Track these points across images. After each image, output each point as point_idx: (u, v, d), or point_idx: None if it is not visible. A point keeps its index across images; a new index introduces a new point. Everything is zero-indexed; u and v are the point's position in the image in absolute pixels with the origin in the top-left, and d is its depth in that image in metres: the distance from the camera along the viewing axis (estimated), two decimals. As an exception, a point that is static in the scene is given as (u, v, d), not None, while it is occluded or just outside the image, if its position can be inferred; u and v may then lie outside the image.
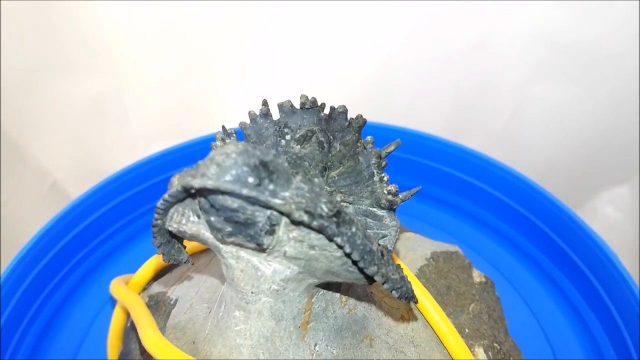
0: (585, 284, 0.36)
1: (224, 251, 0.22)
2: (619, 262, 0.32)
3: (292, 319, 0.23)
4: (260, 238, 0.21)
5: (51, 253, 0.37)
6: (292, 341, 0.23)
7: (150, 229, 0.22)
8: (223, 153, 0.19)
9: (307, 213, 0.19)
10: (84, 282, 0.40)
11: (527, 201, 0.40)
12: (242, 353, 0.23)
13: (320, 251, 0.21)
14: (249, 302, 0.23)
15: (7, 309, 0.33)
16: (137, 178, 0.42)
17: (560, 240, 0.37)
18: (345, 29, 0.48)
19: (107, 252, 0.42)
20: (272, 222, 0.20)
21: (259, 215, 0.20)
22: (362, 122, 0.25)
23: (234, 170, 0.19)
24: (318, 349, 0.24)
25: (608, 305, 0.33)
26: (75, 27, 0.47)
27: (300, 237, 0.21)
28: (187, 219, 0.22)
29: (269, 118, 0.25)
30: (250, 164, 0.19)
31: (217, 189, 0.19)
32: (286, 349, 0.23)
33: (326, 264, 0.21)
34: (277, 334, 0.23)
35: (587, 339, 0.35)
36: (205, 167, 0.19)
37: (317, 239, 0.20)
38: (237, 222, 0.20)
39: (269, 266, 0.22)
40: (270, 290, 0.22)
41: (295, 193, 0.20)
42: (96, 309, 0.38)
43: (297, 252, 0.21)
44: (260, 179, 0.19)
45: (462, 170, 0.42)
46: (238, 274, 0.23)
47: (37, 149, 0.51)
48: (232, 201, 0.20)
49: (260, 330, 0.23)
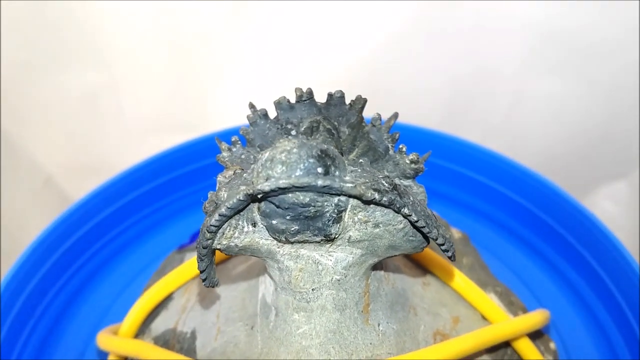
0: (593, 276, 0.35)
1: (280, 255, 0.22)
2: (625, 249, 0.32)
3: (355, 305, 0.23)
4: (329, 228, 0.21)
5: (55, 255, 0.36)
6: (358, 327, 0.23)
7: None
8: (283, 150, 0.19)
9: (376, 191, 0.19)
10: (86, 283, 0.39)
11: (529, 192, 0.39)
12: (311, 354, 0.23)
13: (384, 227, 0.21)
14: (310, 300, 0.23)
15: (10, 313, 0.32)
16: (139, 179, 0.41)
17: (565, 231, 0.37)
18: (340, 21, 0.47)
19: (109, 254, 0.40)
20: (340, 209, 0.20)
21: (327, 205, 0.20)
22: (363, 102, 0.25)
23: (301, 164, 0.19)
24: (382, 328, 0.24)
25: (617, 298, 0.33)
26: (69, 20, 0.47)
27: (365, 218, 0.21)
28: (240, 231, 0.21)
29: (268, 118, 0.25)
30: (314, 154, 0.19)
31: (291, 187, 0.18)
32: (355, 337, 0.23)
33: (389, 239, 0.21)
34: (344, 324, 0.23)
35: (595, 327, 0.34)
36: (269, 169, 0.19)
37: (382, 216, 0.21)
38: (307, 217, 0.20)
39: (330, 257, 0.22)
40: (332, 282, 0.22)
41: (355, 175, 0.20)
42: (100, 312, 0.37)
43: (362, 234, 0.21)
44: (326, 167, 0.19)
45: (460, 163, 0.42)
46: (296, 275, 0.22)
47: (31, 144, 0.50)
48: (303, 196, 0.19)
49: (326, 326, 0.23)
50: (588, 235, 0.35)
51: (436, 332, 0.27)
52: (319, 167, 0.19)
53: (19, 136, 0.50)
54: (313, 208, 0.20)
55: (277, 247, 0.22)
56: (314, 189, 0.19)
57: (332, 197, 0.20)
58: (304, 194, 0.19)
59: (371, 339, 0.23)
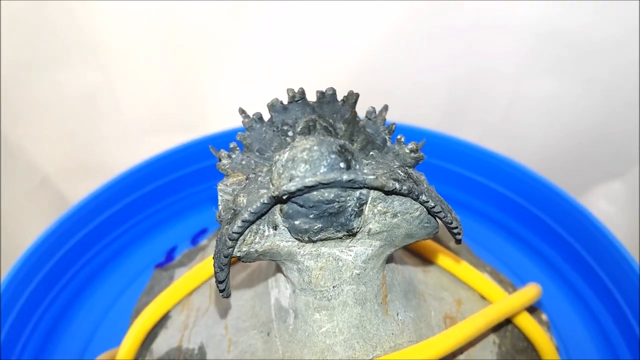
0: (592, 274, 0.35)
1: (301, 255, 0.22)
2: (623, 248, 0.32)
3: (374, 297, 0.23)
4: (351, 223, 0.21)
5: (54, 257, 0.36)
6: (379, 319, 0.23)
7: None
8: (303, 149, 0.19)
9: (395, 180, 0.20)
10: (87, 285, 0.38)
11: (528, 190, 0.39)
12: (337, 352, 0.23)
13: (402, 217, 0.21)
14: (331, 298, 0.23)
15: (10, 314, 0.32)
16: (140, 180, 0.41)
17: (563, 230, 0.37)
18: (338, 21, 0.47)
19: (109, 256, 0.40)
20: (361, 202, 0.20)
21: (349, 200, 0.20)
22: (356, 97, 0.25)
23: (324, 160, 0.19)
24: (400, 317, 0.24)
25: (617, 297, 0.33)
26: (66, 19, 0.46)
27: (384, 209, 0.21)
28: (261, 236, 0.21)
29: (264, 121, 0.25)
30: (334, 150, 0.19)
31: (317, 184, 0.18)
32: (377, 329, 0.23)
33: (406, 228, 0.22)
34: (366, 318, 0.23)
35: (595, 327, 0.35)
36: (292, 168, 0.19)
37: (400, 205, 0.21)
38: (331, 214, 0.20)
39: (350, 252, 0.22)
40: (352, 277, 0.22)
41: (372, 167, 0.20)
42: (100, 314, 0.37)
43: (381, 225, 0.21)
44: (347, 161, 0.19)
45: (459, 163, 0.42)
46: (317, 274, 0.22)
47: (27, 143, 0.50)
48: (328, 193, 0.19)
49: (348, 321, 0.23)
50: (586, 233, 0.35)
51: (445, 316, 0.27)
52: (341, 162, 0.19)
53: (15, 136, 0.49)
54: (337, 204, 0.20)
55: (298, 247, 0.22)
56: (339, 184, 0.19)
57: (354, 191, 0.20)
58: (329, 191, 0.19)
59: (392, 329, 0.24)
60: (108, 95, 0.51)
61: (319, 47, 0.48)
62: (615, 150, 0.50)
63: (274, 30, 0.48)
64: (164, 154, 0.42)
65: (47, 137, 0.51)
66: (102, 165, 0.51)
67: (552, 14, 0.45)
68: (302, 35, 0.48)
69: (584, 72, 0.47)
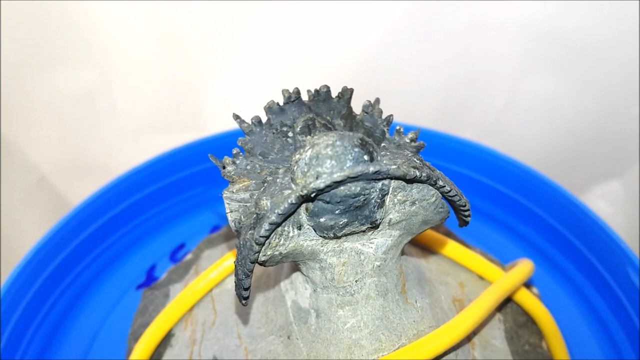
0: (595, 273, 0.35)
1: (324, 253, 0.22)
2: (625, 245, 0.32)
3: (394, 287, 0.23)
4: (374, 214, 0.21)
5: (58, 258, 0.36)
6: (401, 308, 0.24)
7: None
8: (327, 145, 0.19)
9: (415, 168, 0.20)
10: (88, 288, 0.38)
11: (526, 188, 0.39)
12: (363, 346, 0.23)
13: (419, 204, 0.22)
14: (354, 293, 0.23)
15: (11, 318, 0.32)
16: (139, 182, 0.41)
17: (562, 227, 0.37)
18: (335, 21, 0.46)
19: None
20: (384, 193, 0.20)
21: (373, 192, 0.20)
22: (350, 92, 0.26)
23: (349, 154, 0.19)
24: (419, 304, 0.24)
25: (620, 297, 0.33)
26: (63, 18, 0.46)
27: (404, 198, 0.21)
28: (286, 237, 0.21)
29: (263, 124, 0.25)
30: (357, 143, 0.19)
31: (346, 178, 0.18)
32: (400, 318, 0.24)
33: (423, 215, 0.22)
34: (388, 308, 0.23)
35: (599, 326, 0.35)
36: (317, 166, 0.19)
37: (418, 192, 0.21)
38: (356, 207, 0.20)
39: (371, 245, 0.22)
40: (374, 269, 0.23)
41: (389, 157, 0.20)
42: (102, 316, 0.37)
43: (401, 214, 0.22)
44: (370, 153, 0.19)
45: (456, 162, 0.42)
46: (339, 270, 0.22)
47: (24, 143, 0.50)
48: (354, 186, 0.19)
49: (372, 314, 0.23)
50: (586, 230, 0.35)
51: (454, 299, 0.28)
52: (364, 155, 0.19)
53: (12, 135, 0.49)
54: (363, 197, 0.20)
55: (322, 245, 0.21)
56: (367, 176, 0.19)
57: (376, 183, 0.20)
58: (355, 184, 0.19)
59: (413, 316, 0.24)
60: (105, 95, 0.50)
61: (317, 47, 0.48)
62: (612, 150, 0.50)
63: (271, 30, 0.48)
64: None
65: (44, 136, 0.51)
66: (99, 165, 0.51)
67: (548, 15, 0.45)
68: (298, 36, 0.48)
69: (581, 72, 0.47)
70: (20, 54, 0.47)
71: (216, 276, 0.30)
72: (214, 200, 0.45)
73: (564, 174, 0.47)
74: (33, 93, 0.49)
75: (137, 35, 0.47)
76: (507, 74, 0.49)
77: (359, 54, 0.49)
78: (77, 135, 0.52)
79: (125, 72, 0.50)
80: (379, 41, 0.48)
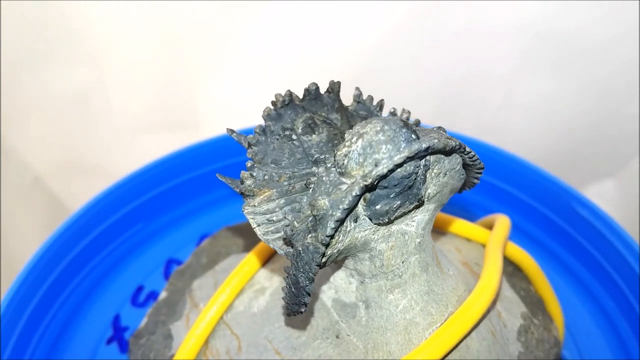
0: (600, 270, 0.36)
1: (374, 241, 0.22)
2: (630, 238, 0.33)
3: (432, 260, 0.24)
4: (421, 191, 0.21)
5: (56, 267, 0.35)
6: (440, 279, 0.24)
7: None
8: (377, 132, 0.19)
9: (448, 139, 0.21)
10: (91, 290, 0.38)
11: (527, 184, 0.40)
12: (418, 323, 0.24)
13: (449, 174, 0.23)
14: (402, 274, 0.23)
15: (16, 325, 0.32)
16: (142, 183, 0.41)
17: (563, 222, 0.38)
18: (333, 21, 0.45)
19: (110, 263, 0.40)
20: (426, 168, 0.21)
21: (419, 169, 0.21)
22: (338, 85, 0.26)
23: (401, 136, 0.19)
24: (451, 272, 0.25)
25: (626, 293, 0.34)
26: (57, 16, 0.45)
27: (438, 170, 0.22)
28: (344, 233, 0.21)
29: (267, 132, 0.24)
30: (401, 124, 0.20)
31: (405, 159, 0.19)
32: (442, 289, 0.24)
33: (451, 184, 0.23)
34: (432, 281, 0.24)
35: (607, 325, 0.35)
36: (374, 153, 0.19)
37: (449, 162, 0.22)
38: (409, 187, 0.20)
39: (413, 223, 0.23)
40: (415, 246, 0.23)
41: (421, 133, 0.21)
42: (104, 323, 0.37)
43: (436, 187, 0.22)
44: (415, 132, 0.20)
45: None
46: (388, 254, 0.22)
47: (18, 142, 0.49)
48: (408, 166, 0.20)
49: (419, 290, 0.24)
50: (588, 226, 0.37)
51: (462, 263, 0.29)
52: (411, 134, 0.19)
53: (5, 135, 0.48)
54: (415, 175, 0.20)
55: (373, 233, 0.22)
56: (421, 154, 0.19)
57: (421, 160, 0.21)
58: (408, 164, 0.20)
59: (451, 284, 0.25)
60: (100, 94, 0.50)
61: (315, 46, 0.48)
62: (609, 150, 0.51)
63: (269, 29, 0.47)
64: (167, 156, 0.41)
65: (39, 136, 0.51)
66: (94, 164, 0.51)
67: (547, 14, 0.45)
68: (296, 35, 0.47)
69: (578, 72, 0.48)
70: (15, 53, 0.46)
71: (225, 299, 0.28)
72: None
73: (560, 173, 0.46)
74: (27, 92, 0.48)
75: (133, 34, 0.47)
76: (505, 74, 0.49)
77: (359, 54, 0.49)
78: (72, 134, 0.52)
79: (121, 71, 0.49)
80: (378, 41, 0.48)
